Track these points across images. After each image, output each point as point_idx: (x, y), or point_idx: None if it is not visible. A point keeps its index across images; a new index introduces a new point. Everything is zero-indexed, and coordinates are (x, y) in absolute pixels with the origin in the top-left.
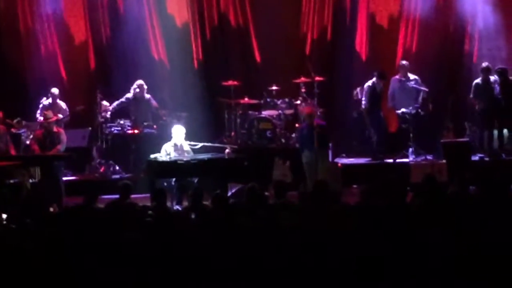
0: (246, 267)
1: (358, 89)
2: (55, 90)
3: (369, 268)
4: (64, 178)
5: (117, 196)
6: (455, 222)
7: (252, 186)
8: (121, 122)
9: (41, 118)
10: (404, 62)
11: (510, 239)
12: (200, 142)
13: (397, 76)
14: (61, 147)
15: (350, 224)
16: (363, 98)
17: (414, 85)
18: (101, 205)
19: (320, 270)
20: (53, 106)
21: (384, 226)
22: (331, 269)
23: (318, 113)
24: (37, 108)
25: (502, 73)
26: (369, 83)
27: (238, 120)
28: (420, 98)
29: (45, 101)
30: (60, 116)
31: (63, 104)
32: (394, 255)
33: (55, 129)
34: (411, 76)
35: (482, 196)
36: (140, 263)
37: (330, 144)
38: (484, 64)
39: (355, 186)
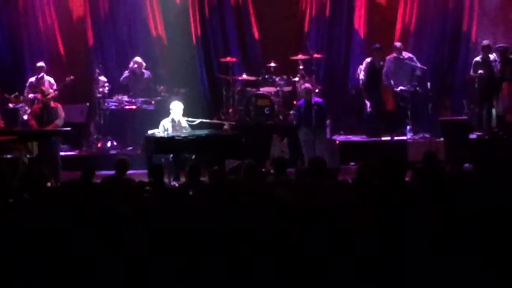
0: (244, 243)
1: (361, 66)
2: (41, 64)
3: (365, 245)
4: (62, 153)
5: (114, 171)
6: (451, 199)
7: (250, 163)
8: (119, 97)
9: (31, 95)
10: (397, 43)
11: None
12: (198, 118)
13: (392, 55)
14: (59, 122)
15: (347, 200)
16: (362, 74)
17: (411, 63)
18: (98, 181)
19: (317, 245)
20: (40, 82)
21: (381, 203)
22: (327, 244)
23: (317, 91)
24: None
25: (502, 51)
26: (368, 59)
27: (236, 97)
28: (415, 76)
29: (32, 78)
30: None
31: (51, 79)
32: (389, 234)
33: (52, 104)
34: (406, 54)
35: (478, 174)
36: (136, 239)
37: (328, 122)
38: (485, 42)
39: (352, 163)
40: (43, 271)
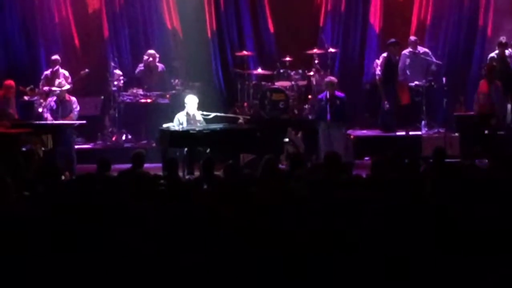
0: (258, 237)
1: (377, 61)
2: (56, 57)
3: (379, 241)
4: (76, 146)
5: (129, 165)
6: (464, 195)
7: (269, 158)
8: (134, 91)
9: (45, 88)
10: (413, 37)
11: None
12: (213, 112)
13: (408, 50)
14: (74, 116)
15: (361, 195)
16: (378, 69)
17: (426, 58)
18: (114, 174)
19: (331, 241)
20: (55, 75)
21: (395, 199)
22: (342, 241)
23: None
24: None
25: None
26: (385, 54)
27: (251, 91)
28: (430, 71)
29: (47, 71)
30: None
31: (66, 72)
32: (403, 229)
33: (67, 97)
34: (421, 49)
35: (492, 169)
36: (152, 233)
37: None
38: (502, 39)
39: (367, 158)
40: (54, 265)
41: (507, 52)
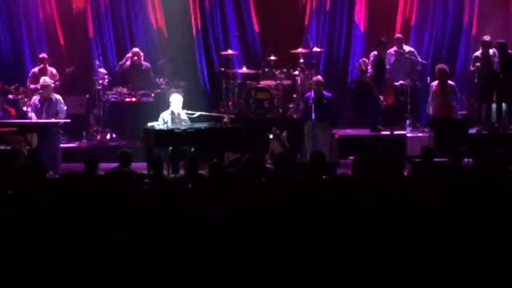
0: (242, 236)
1: (361, 60)
2: (44, 55)
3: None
4: (61, 145)
5: (114, 164)
6: (451, 193)
7: (249, 156)
8: (119, 89)
9: (32, 86)
10: (398, 35)
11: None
12: (198, 111)
13: (393, 49)
14: (62, 116)
15: (345, 195)
16: (369, 67)
17: (411, 57)
18: (100, 172)
19: (315, 240)
20: (43, 72)
21: (379, 197)
22: (325, 239)
23: None
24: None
25: (501, 47)
26: (374, 52)
27: (236, 90)
28: (415, 70)
29: (35, 68)
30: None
31: (53, 70)
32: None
33: (53, 97)
34: (407, 48)
35: (477, 168)
36: (137, 231)
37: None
38: (485, 38)
39: (352, 157)
40: (44, 263)
41: (491, 51)
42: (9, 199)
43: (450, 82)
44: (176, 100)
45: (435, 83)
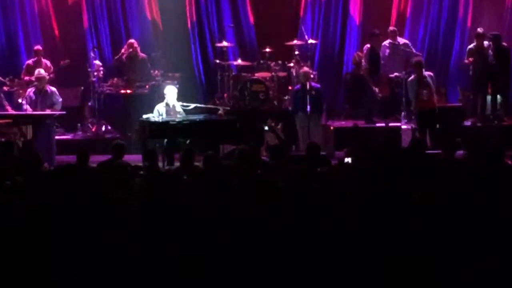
0: (238, 228)
1: (356, 53)
2: (39, 47)
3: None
4: (56, 137)
5: (108, 156)
6: (441, 185)
7: (242, 148)
8: (114, 81)
9: (27, 78)
10: (392, 28)
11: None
12: (193, 103)
13: (387, 41)
14: (58, 107)
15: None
16: (363, 60)
17: (406, 49)
18: (93, 165)
19: (312, 231)
20: (38, 64)
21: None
22: (323, 230)
23: (312, 76)
24: None
25: (495, 39)
26: (368, 45)
27: (231, 82)
28: (410, 62)
29: (29, 61)
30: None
31: (47, 62)
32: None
33: (47, 88)
34: (402, 40)
35: (471, 161)
36: (132, 223)
37: (323, 107)
38: (479, 30)
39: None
40: (38, 253)
41: (485, 43)
42: (6, 190)
43: (427, 72)
44: (170, 92)
45: (412, 77)
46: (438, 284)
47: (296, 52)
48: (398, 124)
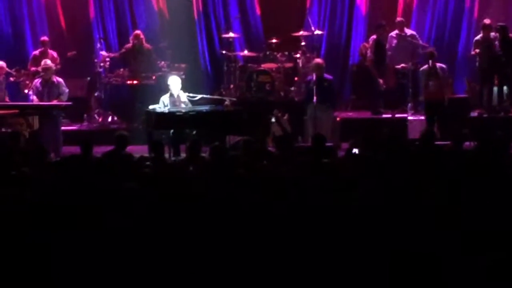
0: (244, 219)
1: (362, 44)
2: (45, 38)
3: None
4: (62, 128)
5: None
6: (449, 176)
7: (247, 139)
8: (120, 72)
9: (33, 69)
10: (400, 18)
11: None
12: (199, 94)
13: (394, 32)
14: (64, 98)
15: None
16: (368, 52)
17: (413, 40)
18: (98, 155)
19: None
20: (44, 55)
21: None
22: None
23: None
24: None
25: (502, 30)
26: (374, 36)
27: (237, 73)
28: (417, 54)
29: (36, 51)
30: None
31: (54, 53)
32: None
33: (54, 79)
34: (409, 32)
35: (478, 151)
36: (138, 214)
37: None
38: (486, 21)
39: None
40: (44, 244)
41: (492, 34)
42: (12, 181)
43: (438, 64)
44: (174, 82)
45: (424, 67)
46: (443, 280)
47: (303, 43)
48: (405, 115)
